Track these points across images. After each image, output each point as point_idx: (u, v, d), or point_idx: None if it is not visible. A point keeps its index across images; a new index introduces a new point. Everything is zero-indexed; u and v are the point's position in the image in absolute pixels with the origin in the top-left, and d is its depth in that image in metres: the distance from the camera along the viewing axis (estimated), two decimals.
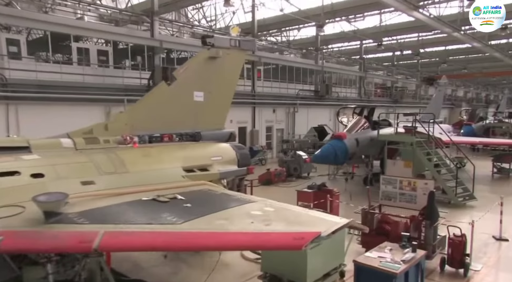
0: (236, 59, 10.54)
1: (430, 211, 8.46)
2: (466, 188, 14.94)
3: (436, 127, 22.02)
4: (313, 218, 5.36)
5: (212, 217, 5.28)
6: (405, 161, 15.95)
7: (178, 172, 7.87)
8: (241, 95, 25.77)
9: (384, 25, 29.94)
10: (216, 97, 10.10)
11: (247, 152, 10.45)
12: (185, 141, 9.43)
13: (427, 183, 9.17)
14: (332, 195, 11.85)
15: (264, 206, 5.90)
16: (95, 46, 19.84)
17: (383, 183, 9.78)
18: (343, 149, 15.15)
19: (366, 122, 16.85)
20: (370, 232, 9.35)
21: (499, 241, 10.63)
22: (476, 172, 22.14)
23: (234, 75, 10.76)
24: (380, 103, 42.06)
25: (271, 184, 18.53)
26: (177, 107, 9.18)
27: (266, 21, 27.79)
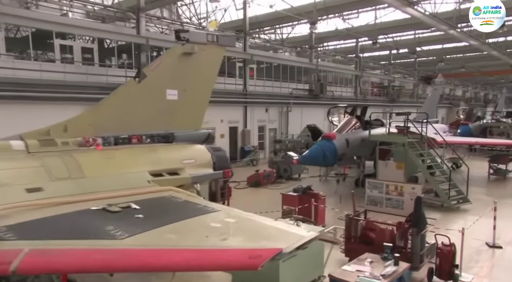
0: (214, 55, 9.92)
1: (417, 217, 7.87)
2: (460, 190, 14.36)
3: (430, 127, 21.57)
4: (277, 231, 4.76)
5: (163, 230, 4.68)
6: (397, 162, 15.40)
7: (143, 177, 7.26)
8: (232, 94, 25.23)
9: (379, 23, 29.34)
10: (192, 95, 9.48)
11: (225, 154, 9.85)
12: (157, 142, 8.82)
13: (414, 188, 8.58)
14: (318, 199, 11.26)
15: (226, 216, 5.30)
16: (79, 43, 19.21)
17: (369, 187, 9.19)
18: (332, 150, 14.56)
19: (358, 122, 16.25)
20: (354, 239, 8.81)
21: (492, 248, 10.06)
22: (472, 173, 21.59)
23: (212, 72, 10.14)
24: (377, 102, 41.60)
25: (260, 185, 17.95)
26: (148, 106, 8.56)
27: (259, 18, 27.19)
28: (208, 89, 10.24)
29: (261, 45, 34.17)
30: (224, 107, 24.79)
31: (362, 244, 8.52)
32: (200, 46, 9.33)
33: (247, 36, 25.50)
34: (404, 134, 15.00)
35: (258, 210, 12.86)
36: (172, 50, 9.42)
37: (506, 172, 19.58)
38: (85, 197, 5.78)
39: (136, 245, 4.17)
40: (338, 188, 17.66)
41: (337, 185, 18.80)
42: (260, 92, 27.26)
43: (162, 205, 5.91)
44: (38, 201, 5.33)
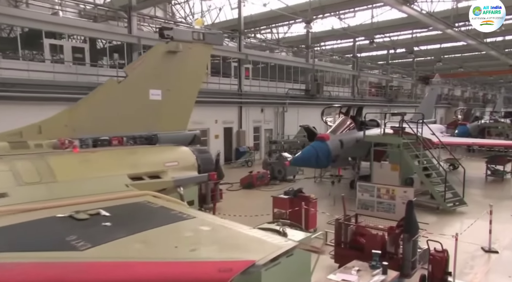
0: (201, 54, 9.57)
1: (409, 222, 7.55)
2: (456, 192, 14.04)
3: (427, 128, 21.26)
4: (252, 241, 4.42)
5: (130, 240, 4.34)
6: (392, 164, 15.09)
7: (121, 181, 6.90)
8: (227, 95, 24.92)
9: (376, 22, 29.05)
10: (177, 95, 9.15)
11: (210, 156, 9.50)
12: (140, 144, 8.48)
13: (406, 191, 8.26)
14: (308, 202, 10.93)
15: (201, 224, 4.96)
16: (69, 43, 18.88)
17: (360, 191, 8.87)
18: (325, 151, 14.22)
19: (352, 123, 15.92)
20: (344, 245, 8.49)
21: (488, 253, 9.73)
22: (470, 174, 21.34)
23: (199, 71, 9.79)
24: (374, 102, 41.31)
25: (253, 187, 17.61)
26: (129, 106, 8.22)
27: (253, 17, 26.88)
28: (194, 89, 9.90)
29: (257, 45, 33.89)
30: (218, 107, 24.50)
31: (352, 249, 8.21)
32: (185, 44, 8.98)
33: (242, 36, 25.17)
34: (399, 135, 14.69)
35: (249, 213, 12.60)
36: (155, 48, 9.08)
37: (503, 173, 19.26)
38: (53, 203, 5.43)
39: (96, 257, 3.83)
40: (332, 189, 17.34)
41: (331, 187, 18.48)
42: (256, 92, 26.95)
43: (135, 212, 5.57)
44: (3, 207, 4.99)
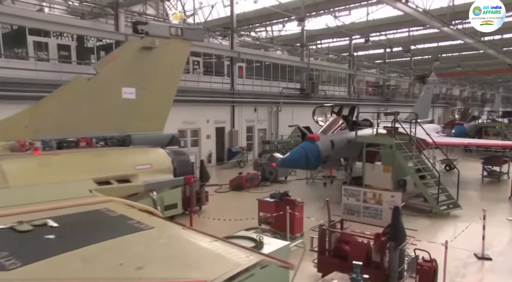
0: (179, 50, 9.05)
1: (395, 230, 7.07)
2: (450, 195, 13.56)
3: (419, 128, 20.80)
4: (210, 256, 3.91)
5: (70, 257, 3.81)
6: (385, 165, 14.62)
7: (84, 186, 6.38)
8: (219, 94, 24.44)
9: (372, 20, 28.56)
10: (153, 94, 8.63)
11: (188, 158, 8.98)
12: (112, 145, 7.97)
13: (393, 196, 7.77)
14: (294, 206, 10.44)
15: (158, 235, 4.45)
16: (54, 40, 18.36)
17: (345, 195, 8.38)
18: (315, 152, 13.74)
19: (344, 123, 15.43)
20: (328, 253, 8.02)
21: (481, 260, 9.25)
22: (466, 175, 20.86)
23: (177, 68, 9.27)
24: (371, 102, 40.88)
25: (242, 189, 17.11)
26: (99, 106, 7.70)
27: (246, 15, 26.36)
28: (172, 88, 9.38)
29: (252, 44, 33.40)
30: (210, 107, 24.01)
31: (336, 258, 7.74)
32: (162, 40, 8.46)
33: (234, 34, 24.68)
34: (392, 136, 14.22)
35: (235, 216, 12.11)
36: (128, 44, 8.57)
37: (500, 174, 18.79)
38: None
39: (22, 279, 3.33)
40: (324, 191, 16.93)
41: (323, 188, 18.05)
42: (249, 91, 26.45)
43: (88, 222, 5.05)
44: None
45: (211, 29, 26.64)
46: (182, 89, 22.62)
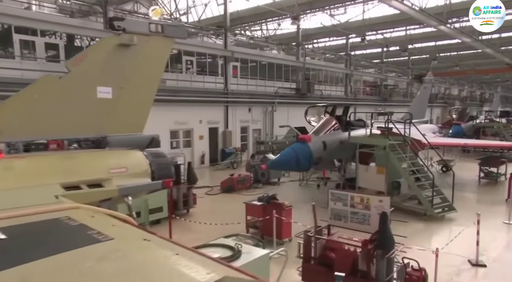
0: (160, 48, 8.61)
1: (382, 237, 6.69)
2: (445, 197, 13.17)
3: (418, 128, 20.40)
4: (168, 272, 3.51)
5: (6, 276, 3.41)
6: (378, 167, 14.24)
7: (50, 191, 5.96)
8: (212, 94, 24.04)
9: (368, 19, 28.19)
10: (132, 94, 8.19)
11: (168, 160, 8.58)
12: (86, 148, 7.56)
13: (382, 200, 7.38)
14: (282, 210, 10.05)
15: (114, 249, 4.04)
16: (41, 39, 17.95)
17: (332, 199, 7.99)
18: (306, 153, 13.34)
19: (337, 123, 15.04)
20: (313, 261, 7.63)
21: (475, 266, 8.86)
22: (462, 176, 20.49)
23: (157, 67, 8.83)
24: (368, 101, 40.51)
25: (234, 191, 16.71)
26: (72, 106, 7.27)
27: (240, 13, 25.96)
28: (152, 87, 8.95)
29: (247, 43, 33.01)
30: (203, 107, 23.61)
31: (322, 266, 7.35)
32: (141, 37, 8.03)
33: (227, 32, 24.28)
34: (385, 136, 13.83)
35: (223, 220, 11.71)
36: (103, 41, 8.12)
37: (497, 176, 18.40)
38: None
39: None
40: (317, 193, 16.56)
41: (317, 190, 17.66)
42: (243, 91, 26.04)
43: (41, 233, 4.62)
44: None
45: (204, 28, 26.24)
46: (174, 89, 22.35)
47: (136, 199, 11.98)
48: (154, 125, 21.52)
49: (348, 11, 28.42)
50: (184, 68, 24.71)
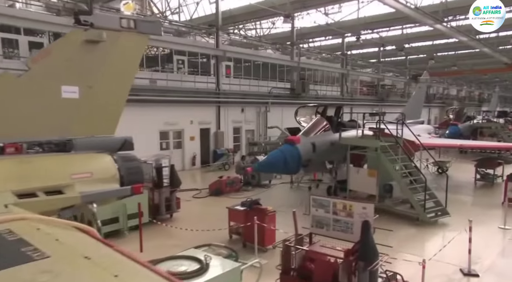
0: (133, 45, 8.07)
1: (364, 248, 6.20)
2: (438, 201, 12.68)
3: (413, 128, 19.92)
4: None
5: None
6: (369, 169, 13.76)
7: None
8: (203, 94, 23.55)
9: (363, 18, 27.73)
10: (101, 93, 7.69)
11: (139, 164, 8.07)
12: (49, 151, 7.05)
13: (365, 207, 6.88)
14: (265, 216, 9.55)
15: (45, 270, 3.53)
16: (25, 37, 17.45)
17: (314, 206, 7.49)
18: (295, 155, 12.86)
19: (327, 124, 14.55)
20: (292, 272, 7.13)
21: (467, 276, 8.36)
22: (458, 178, 20.02)
23: (130, 65, 8.28)
24: (365, 102, 40.05)
25: (222, 194, 16.21)
26: (32, 106, 6.74)
27: (233, 12, 25.48)
28: (125, 87, 8.41)
29: (241, 42, 32.54)
30: (194, 107, 23.11)
31: (301, 278, 6.86)
32: (111, 33, 7.49)
33: (219, 31, 23.78)
34: (377, 138, 13.34)
35: (206, 225, 11.20)
36: (67, 37, 7.59)
37: (493, 178, 17.91)
38: None
39: None
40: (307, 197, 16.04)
41: (308, 192, 17.15)
42: (236, 91, 25.54)
43: None
44: None
45: (196, 27, 25.74)
46: (164, 89, 21.87)
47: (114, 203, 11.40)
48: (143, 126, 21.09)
49: (343, 10, 28.01)
50: (175, 68, 24.22)
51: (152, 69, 23.07)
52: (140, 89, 20.17)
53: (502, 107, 68.00)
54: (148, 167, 12.03)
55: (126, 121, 21.12)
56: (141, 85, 20.18)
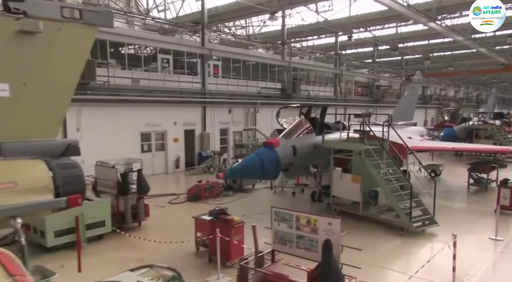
0: (77, 37, 7.18)
1: (326, 272, 5.33)
2: (426, 209, 11.80)
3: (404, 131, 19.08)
4: None
5: None
6: (353, 174, 12.89)
7: None
8: (188, 94, 22.67)
9: (355, 16, 26.90)
10: (38, 92, 6.79)
11: (79, 172, 7.19)
12: None
13: (331, 223, 6.01)
14: (230, 228, 8.66)
15: None
16: None
17: (276, 219, 6.62)
18: (273, 159, 11.97)
19: (310, 126, 13.67)
20: None
21: None
22: (451, 182, 19.20)
23: (75, 61, 7.39)
24: (359, 103, 39.20)
25: (200, 199, 15.33)
26: None
27: (219, 9, 24.60)
28: (68, 84, 7.51)
29: (232, 42, 31.70)
30: (178, 108, 22.24)
31: None
32: (50, 23, 6.58)
33: (205, 29, 22.91)
34: (361, 141, 12.48)
35: (176, 236, 10.33)
36: None
37: (487, 183, 17.04)
38: None
39: None
40: (292, 201, 15.24)
41: (292, 198, 16.31)
42: (222, 91, 24.67)
43: None
44: None
45: (180, 25, 24.87)
46: (146, 89, 21.00)
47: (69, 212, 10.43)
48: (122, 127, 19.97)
49: (334, 8, 27.17)
50: (160, 67, 23.37)
51: (144, 69, 22.20)
52: (120, 89, 19.33)
53: (499, 109, 67.21)
54: (112, 172, 11.14)
55: (104, 122, 20.17)
56: (121, 85, 19.34)
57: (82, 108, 17.68)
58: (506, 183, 13.26)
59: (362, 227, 11.80)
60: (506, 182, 13.30)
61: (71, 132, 17.47)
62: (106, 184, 11.35)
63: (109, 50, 20.58)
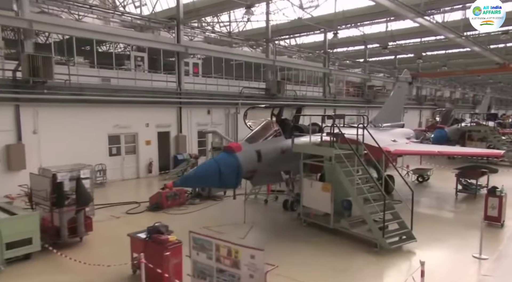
0: None
1: None
2: (403, 222, 10.47)
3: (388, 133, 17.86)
4: None
5: None
6: (324, 183, 11.60)
7: None
8: (161, 93, 21.35)
9: (341, 11, 25.61)
10: None
11: None
12: None
13: (254, 256, 4.69)
14: (163, 249, 7.31)
15: None
16: None
17: (194, 247, 5.31)
18: (232, 166, 10.61)
19: (278, 129, 12.33)
20: None
21: None
22: (439, 189, 17.89)
23: None
24: (349, 103, 37.94)
25: (162, 209, 13.98)
26: None
27: (196, 4, 23.28)
28: None
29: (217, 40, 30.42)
30: (150, 108, 20.89)
31: None
32: None
33: (180, 25, 21.58)
34: (331, 145, 11.18)
35: (112, 256, 9.06)
36: None
37: (476, 189, 15.74)
38: None
39: None
40: (263, 211, 13.96)
41: (264, 207, 15.01)
42: (200, 91, 23.33)
43: None
44: None
45: (153, 20, 23.52)
46: (114, 88, 19.63)
47: None
48: (88, 129, 18.32)
49: (320, 4, 25.91)
50: (133, 65, 22.05)
51: (116, 68, 20.85)
52: (83, 88, 17.98)
53: (497, 109, 65.95)
54: (43, 182, 9.78)
55: (65, 123, 18.32)
56: (83, 84, 17.98)
57: (39, 108, 16.35)
58: (494, 191, 11.95)
59: (332, 242, 10.53)
60: (494, 190, 11.98)
61: (27, 135, 16.16)
62: (39, 195, 10.00)
63: (75, 48, 19.25)
